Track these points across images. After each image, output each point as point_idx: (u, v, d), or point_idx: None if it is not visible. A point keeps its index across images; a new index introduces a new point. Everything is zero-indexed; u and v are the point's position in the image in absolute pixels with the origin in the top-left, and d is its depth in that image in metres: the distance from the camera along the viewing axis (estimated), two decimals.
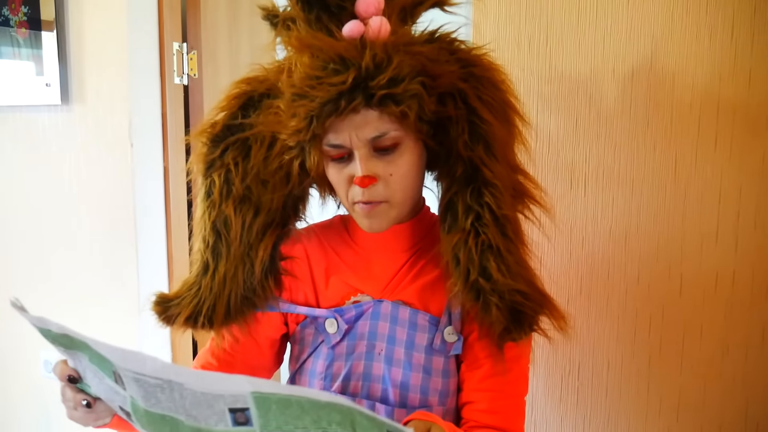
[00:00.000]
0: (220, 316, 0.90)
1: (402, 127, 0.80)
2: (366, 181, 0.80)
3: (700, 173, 1.25)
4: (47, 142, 1.99)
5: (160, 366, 0.58)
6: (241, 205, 0.88)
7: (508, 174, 0.86)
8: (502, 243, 0.82)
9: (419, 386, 0.89)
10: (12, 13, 1.96)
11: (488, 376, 0.88)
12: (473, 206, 0.82)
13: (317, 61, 0.75)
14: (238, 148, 0.88)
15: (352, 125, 0.79)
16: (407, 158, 0.83)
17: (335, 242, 0.97)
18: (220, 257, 0.88)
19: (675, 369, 1.31)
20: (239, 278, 0.89)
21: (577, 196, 1.34)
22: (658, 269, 1.30)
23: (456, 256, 0.82)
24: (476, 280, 0.81)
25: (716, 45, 1.21)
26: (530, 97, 1.35)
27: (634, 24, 1.26)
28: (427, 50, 0.80)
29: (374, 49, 0.75)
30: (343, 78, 0.74)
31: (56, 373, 0.77)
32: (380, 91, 0.75)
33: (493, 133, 0.82)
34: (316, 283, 0.96)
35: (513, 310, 0.81)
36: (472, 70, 0.84)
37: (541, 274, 1.36)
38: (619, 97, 1.29)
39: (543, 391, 1.42)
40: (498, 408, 0.89)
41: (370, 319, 0.91)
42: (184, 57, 1.92)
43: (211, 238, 0.89)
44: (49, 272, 2.06)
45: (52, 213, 2.02)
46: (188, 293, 0.90)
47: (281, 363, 1.05)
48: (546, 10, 1.32)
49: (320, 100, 0.75)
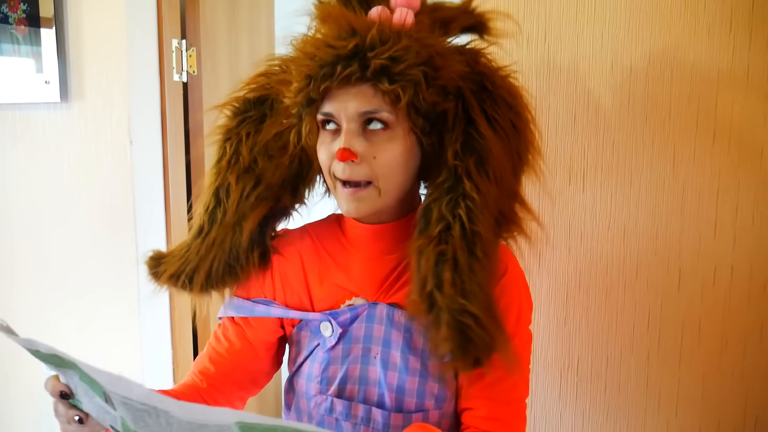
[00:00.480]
0: (200, 278, 0.92)
1: (394, 110, 0.80)
2: (345, 154, 0.80)
3: (699, 168, 1.25)
4: (47, 140, 1.99)
5: (146, 393, 0.58)
6: (244, 175, 0.90)
7: (499, 196, 0.84)
8: (465, 259, 0.79)
9: (415, 390, 0.88)
10: (11, 11, 1.96)
11: (487, 383, 0.87)
12: (446, 216, 0.81)
13: (333, 29, 0.77)
14: (254, 121, 0.91)
15: (345, 96, 0.79)
16: (395, 146, 0.82)
17: (329, 244, 0.97)
18: (215, 222, 0.91)
19: (674, 364, 1.32)
20: (226, 245, 0.91)
21: (576, 191, 1.34)
22: (657, 264, 1.30)
23: (418, 263, 0.81)
24: (432, 292, 0.79)
25: (714, 40, 1.21)
26: (528, 93, 1.35)
27: (632, 19, 1.26)
28: (441, 47, 0.80)
29: (384, 26, 0.76)
30: (345, 44, 0.75)
31: (48, 388, 0.76)
32: (376, 61, 0.75)
33: (488, 149, 0.81)
34: (309, 286, 0.95)
35: (462, 333, 0.77)
36: (486, 84, 0.84)
37: (540, 271, 1.37)
38: (618, 92, 1.29)
39: (542, 387, 1.43)
40: (498, 415, 0.88)
41: (365, 322, 0.91)
42: (183, 54, 1.92)
43: (211, 203, 0.92)
44: (48, 269, 2.06)
45: (52, 210, 2.02)
46: (179, 253, 0.94)
47: (279, 366, 1.04)
48: (544, 5, 1.32)
49: (319, 61, 0.77)
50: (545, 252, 1.38)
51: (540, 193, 1.36)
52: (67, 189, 1.96)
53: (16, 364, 2.16)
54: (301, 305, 0.95)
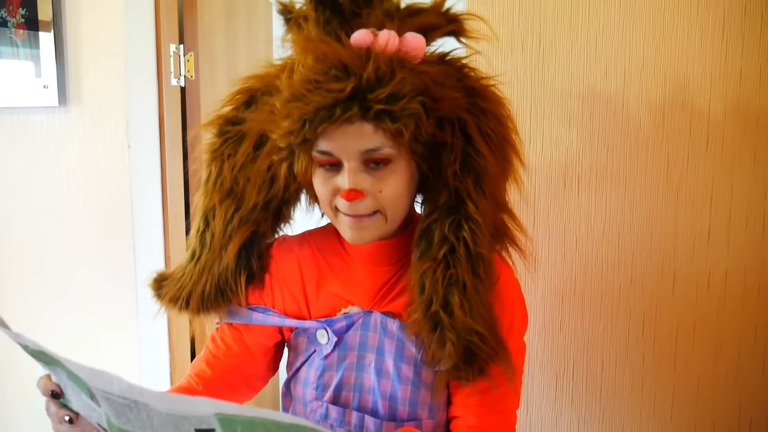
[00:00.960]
0: (195, 303, 0.92)
1: (396, 145, 0.78)
2: (353, 194, 0.78)
3: (692, 173, 1.26)
4: (45, 144, 2.00)
5: (126, 386, 0.58)
6: (226, 198, 0.89)
7: (493, 211, 0.84)
8: (470, 281, 0.79)
9: (408, 399, 0.88)
10: (10, 15, 1.97)
11: (477, 392, 0.86)
12: (450, 237, 0.80)
13: (320, 64, 0.74)
14: (235, 141, 0.89)
15: (345, 135, 0.76)
16: (397, 177, 0.80)
17: (327, 253, 0.96)
18: (205, 246, 0.91)
19: (668, 367, 1.32)
20: (215, 269, 0.91)
21: (571, 196, 1.35)
22: (651, 268, 1.31)
23: (422, 284, 0.81)
24: (437, 312, 0.79)
25: (707, 46, 1.22)
26: (523, 98, 1.36)
27: (626, 25, 1.27)
28: (433, 71, 0.78)
29: (378, 61, 0.73)
30: (342, 86, 0.72)
31: (39, 387, 0.77)
32: (378, 106, 0.73)
33: (486, 168, 0.81)
34: (307, 293, 0.95)
35: (467, 350, 0.79)
36: (477, 101, 0.83)
37: (535, 275, 1.38)
38: (612, 97, 1.29)
39: (538, 391, 1.43)
40: (486, 424, 0.87)
41: (360, 329, 0.91)
42: (181, 59, 1.92)
43: (201, 226, 0.92)
44: (46, 273, 2.06)
45: (50, 214, 2.02)
46: (177, 276, 0.94)
47: (276, 370, 1.04)
48: (539, 11, 1.32)
49: (315, 104, 0.73)
50: (540, 257, 1.39)
51: (535, 198, 1.37)
52: (65, 193, 1.97)
53: (12, 366, 2.17)
54: (298, 312, 0.95)
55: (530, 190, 1.38)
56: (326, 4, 0.79)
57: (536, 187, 1.37)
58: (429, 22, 0.82)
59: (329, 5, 0.79)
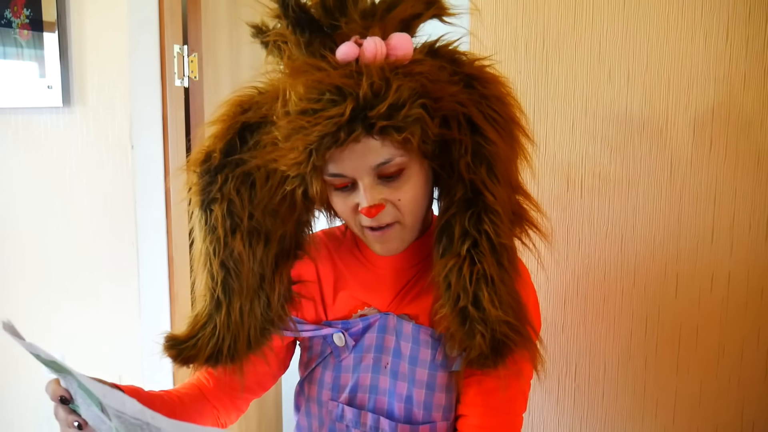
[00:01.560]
0: (242, 351, 0.87)
1: (406, 152, 0.76)
2: (373, 211, 0.78)
3: (696, 175, 1.26)
4: (49, 144, 2.00)
5: (139, 408, 0.59)
6: (249, 238, 0.84)
7: (509, 195, 0.82)
8: (496, 273, 0.78)
9: (422, 402, 0.88)
10: (14, 16, 1.97)
11: (484, 392, 0.86)
12: (471, 232, 0.78)
13: (313, 92, 0.72)
14: (239, 178, 0.83)
15: (353, 155, 0.75)
16: (414, 182, 0.80)
17: (344, 255, 0.96)
18: (233, 293, 0.85)
19: (671, 370, 1.32)
20: (256, 312, 0.86)
21: (574, 198, 1.35)
22: (654, 270, 1.31)
23: (448, 281, 0.80)
24: (465, 307, 0.79)
25: (711, 48, 1.22)
26: (527, 100, 1.36)
27: (630, 27, 1.27)
28: (427, 69, 0.76)
29: (371, 75, 0.71)
30: (341, 110, 0.70)
31: (49, 392, 0.76)
32: (381, 122, 0.71)
33: (497, 154, 0.79)
34: (324, 298, 0.95)
35: (497, 340, 0.78)
36: (475, 85, 0.81)
37: (538, 277, 1.38)
38: (615, 99, 1.29)
39: (540, 393, 1.43)
40: (491, 424, 0.87)
41: (376, 332, 0.91)
42: (184, 59, 1.93)
43: (220, 275, 0.85)
44: (49, 274, 2.07)
45: (53, 214, 2.03)
46: (202, 332, 0.87)
47: (286, 369, 1.03)
48: (543, 13, 1.32)
49: (318, 133, 0.72)
50: (543, 258, 1.39)
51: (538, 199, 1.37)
52: (68, 193, 1.97)
53: (18, 366, 2.18)
54: (315, 314, 0.95)
55: (533, 192, 1.38)
56: (303, 25, 0.77)
57: (539, 189, 1.37)
58: (409, 12, 0.80)
59: (307, 25, 0.77)
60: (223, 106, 0.84)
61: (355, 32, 0.76)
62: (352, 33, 0.76)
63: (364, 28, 0.76)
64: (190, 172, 0.86)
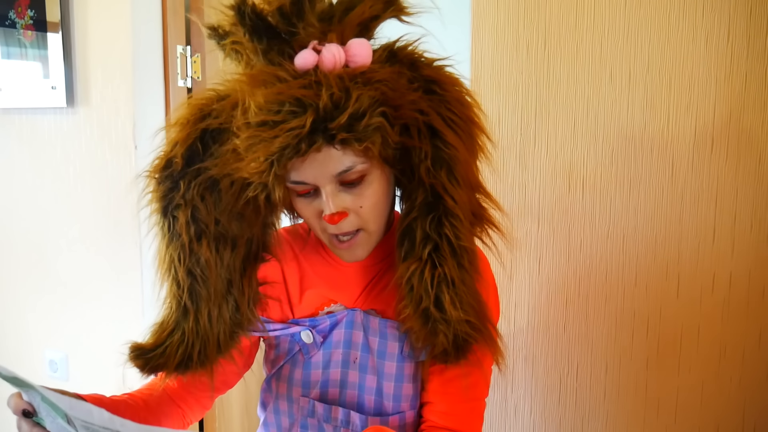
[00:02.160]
0: (212, 356, 0.86)
1: (367, 158, 0.77)
2: (335, 218, 0.78)
3: (697, 175, 1.26)
4: (53, 145, 2.01)
5: (107, 417, 0.60)
6: (216, 244, 0.83)
7: (469, 196, 0.83)
8: (457, 275, 0.80)
9: (392, 394, 0.90)
10: (18, 17, 1.98)
11: (448, 379, 0.88)
12: (432, 235, 0.79)
13: (272, 102, 0.71)
14: (203, 184, 0.82)
15: (315, 163, 0.75)
16: (376, 187, 0.80)
17: (309, 254, 0.97)
18: (201, 299, 0.84)
19: (672, 370, 1.32)
20: (225, 317, 0.86)
21: (575, 198, 1.35)
22: (656, 271, 1.31)
23: (410, 284, 0.81)
24: (428, 308, 0.80)
25: (712, 48, 1.22)
26: (528, 101, 1.36)
27: (631, 28, 1.27)
28: (387, 76, 0.75)
29: (330, 85, 0.71)
30: (302, 122, 0.70)
31: (11, 406, 0.75)
32: (341, 134, 0.72)
33: (456, 157, 0.79)
34: (291, 297, 0.96)
35: (458, 338, 0.80)
36: (434, 89, 0.81)
37: (540, 277, 1.38)
38: (617, 100, 1.30)
39: (542, 392, 1.43)
40: (456, 411, 0.89)
41: (344, 327, 0.92)
42: (187, 60, 1.93)
43: (186, 282, 0.83)
44: (53, 274, 2.08)
45: (57, 214, 2.04)
46: (170, 340, 0.85)
47: (250, 366, 1.04)
48: (544, 14, 1.33)
49: (279, 144, 0.71)
50: (544, 258, 1.39)
51: (540, 200, 1.37)
52: (72, 193, 1.98)
53: (21, 364, 2.19)
54: (281, 313, 0.96)
55: (535, 192, 1.38)
56: (260, 32, 0.76)
57: (540, 189, 1.38)
58: (367, 14, 0.79)
59: (264, 32, 0.76)
60: (182, 108, 0.83)
61: (313, 37, 0.76)
62: (311, 38, 0.76)
63: (322, 33, 0.76)
64: (150, 178, 0.84)
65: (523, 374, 1.45)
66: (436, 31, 0.88)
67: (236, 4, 0.77)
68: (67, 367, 2.08)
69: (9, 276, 2.21)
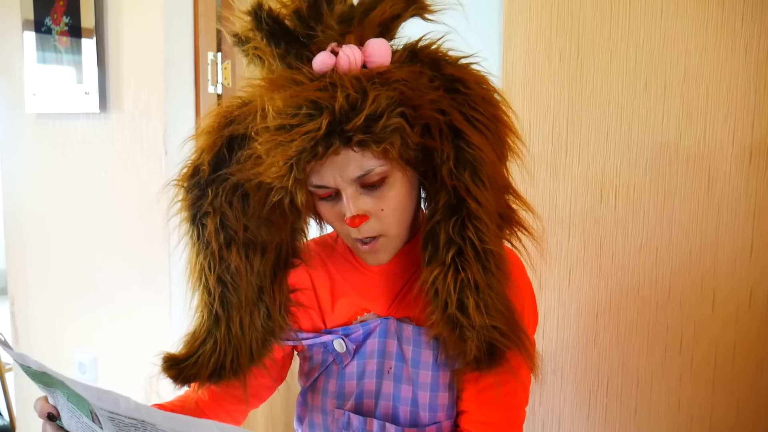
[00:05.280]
0: (245, 365, 0.86)
1: (387, 160, 0.76)
2: (357, 220, 0.77)
3: (735, 187, 1.23)
4: (85, 149, 2.04)
5: (133, 406, 0.59)
6: (246, 250, 0.84)
7: (496, 198, 0.81)
8: (482, 279, 0.78)
9: (428, 404, 0.88)
10: (54, 23, 2.02)
11: (483, 388, 0.86)
12: (455, 239, 0.77)
13: (289, 106, 0.71)
14: (230, 190, 0.82)
15: (334, 166, 0.75)
16: (397, 190, 0.79)
17: (339, 263, 0.95)
18: (232, 307, 0.84)
19: (707, 387, 1.29)
20: (257, 324, 0.86)
21: (608, 209, 1.33)
22: (690, 285, 1.28)
23: (435, 289, 0.79)
24: (453, 314, 0.78)
25: (751, 58, 1.19)
26: (560, 110, 1.34)
27: (667, 37, 1.24)
28: (405, 76, 0.74)
29: (346, 87, 0.70)
30: (317, 124, 0.70)
31: (37, 409, 0.77)
32: (358, 136, 0.71)
33: (481, 158, 0.77)
34: (322, 307, 0.95)
35: (489, 345, 0.78)
36: (457, 87, 0.79)
37: (570, 289, 1.36)
38: (652, 109, 1.27)
39: (570, 408, 1.41)
40: (492, 420, 0.87)
41: (378, 337, 0.91)
42: (218, 66, 1.95)
43: (217, 290, 0.83)
44: (84, 278, 2.11)
45: (89, 217, 2.06)
46: (203, 349, 0.85)
47: (283, 380, 1.03)
48: (578, 22, 1.31)
49: (296, 148, 0.71)
50: (575, 270, 1.37)
51: (571, 210, 1.35)
52: (104, 196, 2.01)
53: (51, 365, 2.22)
54: (312, 323, 0.95)
55: (566, 203, 1.36)
56: (278, 36, 0.76)
57: (572, 200, 1.35)
58: (388, 14, 0.78)
59: (281, 36, 0.76)
60: (208, 117, 0.83)
61: (332, 39, 0.75)
62: (329, 41, 0.75)
63: (341, 35, 0.75)
64: (178, 186, 0.84)
65: (551, 387, 1.42)
66: (461, 28, 0.85)
67: (253, 10, 0.76)
68: (95, 369, 2.10)
69: (41, 278, 2.25)
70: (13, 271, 2.38)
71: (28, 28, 2.10)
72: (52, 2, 2.02)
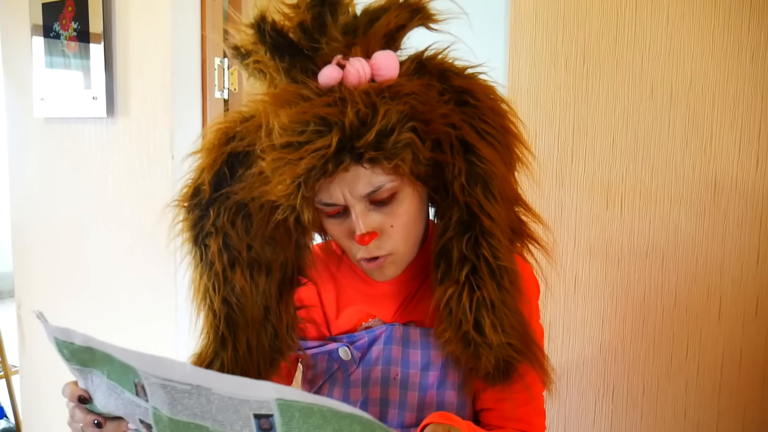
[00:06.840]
0: None
1: (398, 176, 0.74)
2: (367, 238, 0.76)
3: (741, 195, 1.22)
4: (92, 154, 2.05)
5: (189, 371, 0.57)
6: (250, 270, 0.82)
7: (507, 211, 0.80)
8: (497, 297, 0.76)
9: (434, 403, 0.87)
10: (63, 29, 2.03)
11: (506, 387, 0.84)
12: (469, 256, 0.76)
13: (296, 122, 0.69)
14: (232, 209, 0.80)
15: (343, 183, 0.73)
16: (407, 206, 0.77)
17: (345, 271, 0.94)
18: (238, 328, 0.82)
19: (713, 394, 1.28)
20: (264, 344, 0.84)
21: (613, 216, 1.32)
22: (696, 292, 1.27)
23: (449, 308, 0.78)
24: (468, 332, 0.77)
25: (758, 64, 1.19)
26: (566, 116, 1.34)
27: (674, 43, 1.24)
28: (415, 89, 0.72)
29: (356, 102, 0.68)
30: (327, 141, 0.68)
31: (66, 394, 0.75)
32: (369, 152, 0.69)
33: (492, 171, 0.76)
34: (327, 315, 0.94)
35: (502, 362, 0.78)
36: (467, 99, 0.77)
37: (575, 296, 1.36)
38: (658, 116, 1.27)
39: (576, 414, 1.40)
40: (520, 415, 0.87)
41: (383, 343, 0.89)
42: (225, 72, 1.96)
43: (222, 311, 0.82)
44: (93, 280, 2.11)
45: (95, 222, 2.07)
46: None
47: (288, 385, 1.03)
48: (583, 29, 1.31)
49: (305, 166, 0.69)
50: (581, 277, 1.36)
51: (577, 217, 1.35)
52: (110, 201, 2.02)
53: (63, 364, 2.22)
54: (317, 333, 0.94)
55: (571, 209, 1.36)
56: (282, 50, 0.74)
57: (578, 206, 1.35)
58: (393, 24, 0.76)
59: (285, 49, 0.74)
60: (208, 134, 0.81)
61: (337, 52, 0.73)
62: (334, 53, 0.73)
63: (346, 47, 0.73)
64: (179, 207, 0.83)
65: (556, 394, 1.42)
66: (466, 37, 0.84)
67: (255, 22, 0.74)
68: None
69: (48, 282, 2.25)
70: (20, 274, 2.39)
71: (37, 33, 2.11)
72: (60, 8, 2.03)
